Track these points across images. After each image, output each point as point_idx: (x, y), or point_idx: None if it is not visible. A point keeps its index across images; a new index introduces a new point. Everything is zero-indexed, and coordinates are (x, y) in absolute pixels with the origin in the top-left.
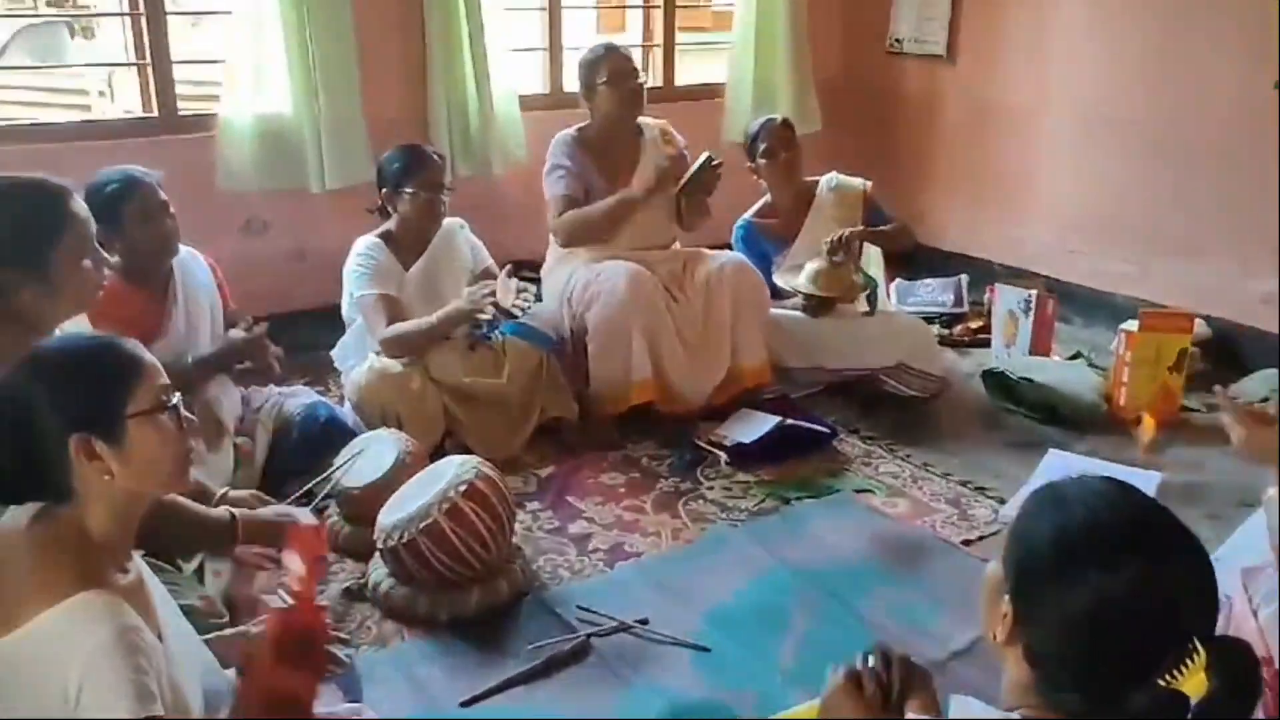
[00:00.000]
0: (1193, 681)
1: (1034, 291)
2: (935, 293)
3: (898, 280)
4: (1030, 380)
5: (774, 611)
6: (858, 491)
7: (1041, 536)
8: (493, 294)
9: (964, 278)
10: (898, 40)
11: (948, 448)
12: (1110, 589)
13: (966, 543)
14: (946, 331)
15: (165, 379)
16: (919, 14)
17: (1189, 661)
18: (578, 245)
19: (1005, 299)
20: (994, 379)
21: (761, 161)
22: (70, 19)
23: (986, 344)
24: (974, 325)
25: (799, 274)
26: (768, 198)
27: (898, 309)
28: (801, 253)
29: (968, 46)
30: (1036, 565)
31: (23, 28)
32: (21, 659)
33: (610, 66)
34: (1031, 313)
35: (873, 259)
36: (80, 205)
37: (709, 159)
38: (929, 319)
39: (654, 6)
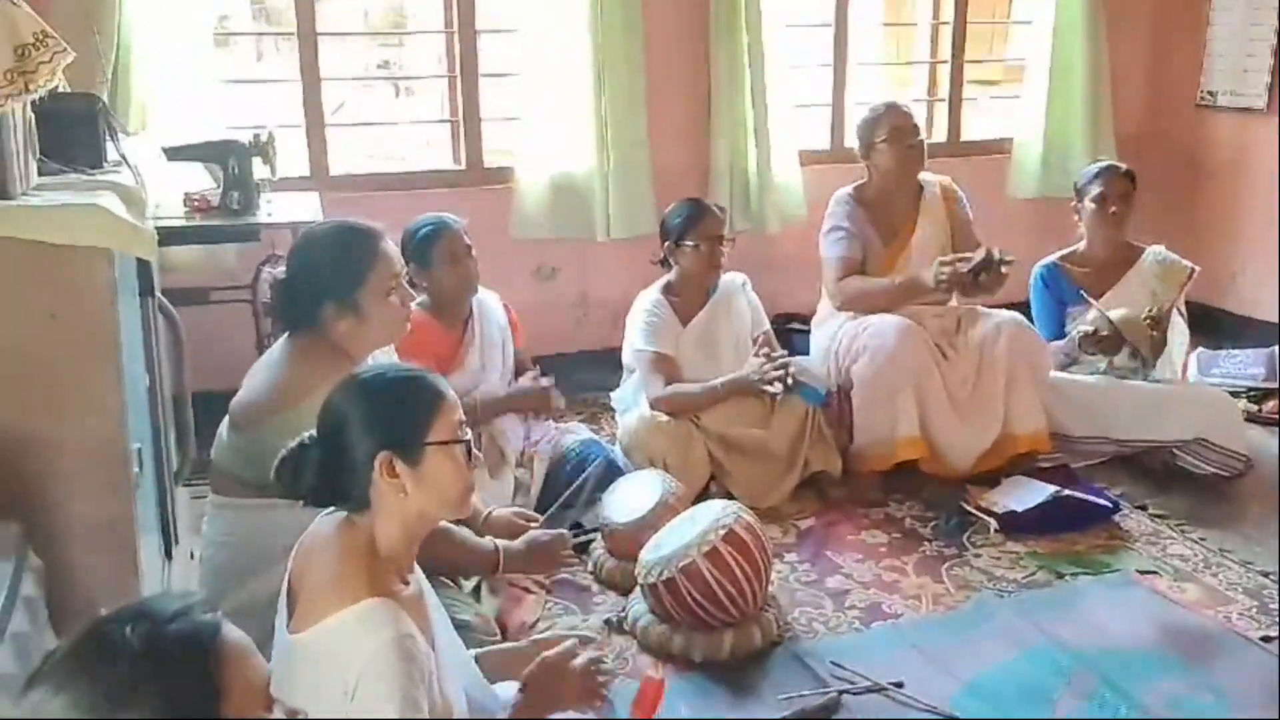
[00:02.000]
0: None
1: None
2: (1244, 365)
3: (1200, 350)
4: None
5: (1039, 691)
6: (1141, 573)
7: None
8: (782, 371)
9: (1278, 350)
10: (1210, 93)
11: (1250, 533)
12: None
13: (1266, 639)
14: (1255, 408)
15: (463, 416)
16: (1236, 65)
17: None
18: (854, 311)
19: None
20: None
21: (1090, 206)
22: (395, 80)
23: None
24: None
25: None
26: (1080, 245)
27: (1198, 379)
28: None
29: None
30: None
31: (355, 89)
32: (315, 652)
33: (890, 124)
34: None
35: (1177, 329)
36: (390, 246)
37: (1000, 259)
38: (1234, 393)
39: (940, 62)
